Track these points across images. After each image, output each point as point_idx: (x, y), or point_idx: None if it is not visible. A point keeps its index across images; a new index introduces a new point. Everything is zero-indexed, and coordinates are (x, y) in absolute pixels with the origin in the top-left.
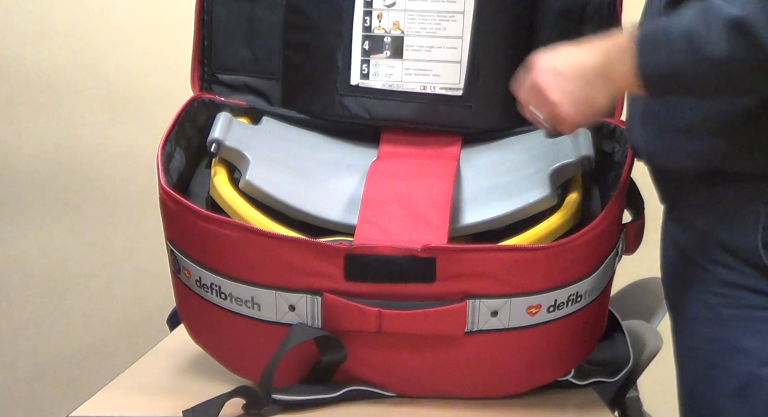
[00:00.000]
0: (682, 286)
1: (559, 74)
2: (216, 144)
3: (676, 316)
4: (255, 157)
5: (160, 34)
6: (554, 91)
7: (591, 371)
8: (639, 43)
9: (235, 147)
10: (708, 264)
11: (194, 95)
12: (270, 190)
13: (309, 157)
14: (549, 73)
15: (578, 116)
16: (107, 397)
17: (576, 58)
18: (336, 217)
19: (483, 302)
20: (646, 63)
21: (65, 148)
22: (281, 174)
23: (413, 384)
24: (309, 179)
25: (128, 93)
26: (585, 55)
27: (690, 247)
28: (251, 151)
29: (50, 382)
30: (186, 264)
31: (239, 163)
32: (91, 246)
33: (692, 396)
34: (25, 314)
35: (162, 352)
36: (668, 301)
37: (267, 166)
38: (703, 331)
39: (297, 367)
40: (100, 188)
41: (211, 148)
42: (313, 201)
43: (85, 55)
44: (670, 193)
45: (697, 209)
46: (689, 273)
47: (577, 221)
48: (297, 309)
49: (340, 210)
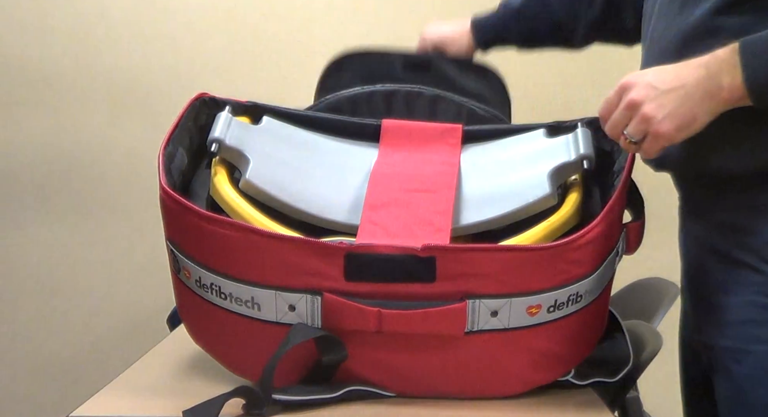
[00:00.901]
0: (722, 288)
1: (656, 89)
2: (216, 143)
3: (714, 318)
4: (255, 156)
5: (161, 33)
6: (653, 106)
7: (591, 371)
8: (744, 54)
9: (236, 146)
10: (760, 264)
11: (197, 94)
12: (270, 189)
13: (310, 157)
14: (647, 88)
15: (678, 132)
16: (107, 397)
17: (673, 74)
18: (337, 217)
19: (483, 302)
20: (756, 73)
21: (65, 148)
22: (282, 174)
23: (413, 384)
24: (310, 179)
25: (128, 93)
26: (683, 70)
27: (729, 249)
28: (251, 151)
29: (50, 381)
30: (186, 264)
31: (239, 163)
32: (91, 246)
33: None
34: (25, 314)
35: (162, 352)
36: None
37: (267, 165)
38: (755, 333)
39: (297, 367)
40: (101, 188)
41: (211, 147)
42: (314, 201)
43: (86, 55)
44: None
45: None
46: (731, 276)
47: (577, 221)
48: (297, 309)
49: (341, 210)
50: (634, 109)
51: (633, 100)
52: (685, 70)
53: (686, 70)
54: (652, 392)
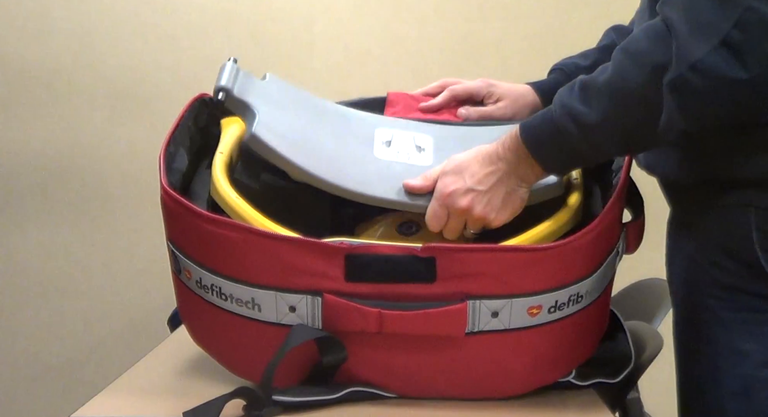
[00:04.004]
0: (687, 289)
1: (478, 192)
2: (223, 93)
3: (681, 318)
4: (262, 110)
5: (161, 33)
6: (482, 208)
7: (592, 372)
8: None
9: (242, 98)
10: (709, 267)
11: (197, 95)
12: (277, 147)
13: (317, 118)
14: (468, 194)
15: (512, 216)
16: (108, 398)
17: (482, 173)
18: (347, 184)
19: (483, 303)
20: (548, 161)
21: (66, 148)
22: (288, 131)
23: (414, 385)
24: (318, 140)
25: (129, 93)
26: (488, 167)
27: (692, 251)
28: (257, 105)
29: (51, 383)
30: (186, 265)
31: (245, 116)
32: (92, 246)
33: (695, 398)
34: (25, 314)
35: (163, 353)
36: (674, 303)
37: (274, 121)
38: (705, 334)
39: (297, 368)
40: (101, 188)
41: (218, 96)
42: (320, 163)
43: (86, 55)
44: (674, 198)
45: (698, 214)
46: (692, 276)
47: (578, 221)
48: (297, 310)
49: (345, 175)
50: (467, 214)
51: (462, 209)
52: (490, 167)
53: (491, 167)
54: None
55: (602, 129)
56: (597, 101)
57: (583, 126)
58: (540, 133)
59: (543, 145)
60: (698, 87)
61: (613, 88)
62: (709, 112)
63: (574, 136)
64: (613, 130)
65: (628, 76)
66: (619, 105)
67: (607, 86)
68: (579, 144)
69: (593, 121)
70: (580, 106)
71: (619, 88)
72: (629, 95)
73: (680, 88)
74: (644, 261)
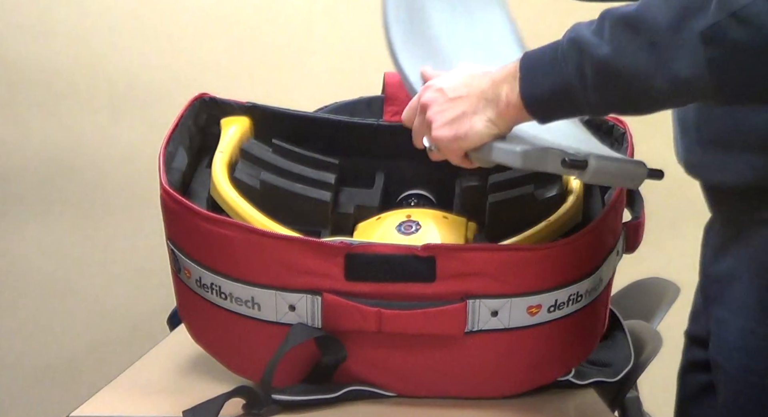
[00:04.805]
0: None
1: (444, 95)
2: None
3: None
4: None
5: (161, 34)
6: (435, 111)
7: (591, 371)
8: (522, 66)
9: None
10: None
11: (197, 94)
12: None
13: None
14: (437, 92)
15: (452, 142)
16: (107, 397)
17: (463, 81)
18: None
19: (483, 302)
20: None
21: (65, 148)
22: None
23: (413, 384)
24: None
25: (128, 92)
26: (474, 79)
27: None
28: None
29: (50, 381)
30: (186, 264)
31: None
32: (91, 246)
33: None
34: (25, 314)
35: (162, 352)
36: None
37: None
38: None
39: (297, 367)
40: (101, 188)
41: None
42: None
43: (86, 55)
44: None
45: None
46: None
47: (578, 221)
48: (297, 309)
49: None
50: (424, 112)
51: (423, 104)
52: (475, 79)
53: (476, 80)
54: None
55: (607, 68)
56: (611, 34)
57: (588, 58)
58: (541, 56)
59: (535, 69)
60: (739, 41)
61: (633, 22)
62: (747, 78)
63: (573, 69)
64: (620, 72)
65: (654, 14)
66: (633, 42)
67: (624, 19)
68: (575, 79)
69: (600, 56)
70: (592, 36)
71: (639, 22)
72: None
73: (716, 40)
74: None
